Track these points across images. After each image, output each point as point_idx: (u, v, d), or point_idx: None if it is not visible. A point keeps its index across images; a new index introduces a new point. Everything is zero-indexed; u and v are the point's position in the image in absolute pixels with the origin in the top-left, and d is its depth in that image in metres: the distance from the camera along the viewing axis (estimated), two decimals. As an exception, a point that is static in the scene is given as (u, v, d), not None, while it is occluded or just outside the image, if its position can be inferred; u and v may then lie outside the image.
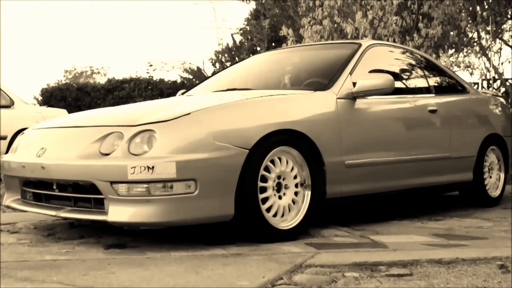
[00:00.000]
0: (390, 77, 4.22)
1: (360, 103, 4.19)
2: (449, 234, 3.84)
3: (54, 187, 3.51)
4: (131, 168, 3.08)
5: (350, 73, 4.28)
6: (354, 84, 4.17)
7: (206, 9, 19.66)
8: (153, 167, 3.07)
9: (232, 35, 19.53)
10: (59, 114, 8.58)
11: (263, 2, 17.75)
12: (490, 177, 5.52)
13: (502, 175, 5.69)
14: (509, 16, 11.12)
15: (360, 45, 4.68)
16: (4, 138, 8.20)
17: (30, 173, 3.60)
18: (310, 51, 5.38)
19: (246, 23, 20.58)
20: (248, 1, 20.38)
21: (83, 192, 3.34)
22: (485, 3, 10.45)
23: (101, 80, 37.08)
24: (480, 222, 4.45)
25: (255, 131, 3.40)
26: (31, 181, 3.71)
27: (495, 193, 5.54)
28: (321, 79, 4.35)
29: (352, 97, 4.14)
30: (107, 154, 3.24)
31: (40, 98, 18.06)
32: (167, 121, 3.25)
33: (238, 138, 3.32)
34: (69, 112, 8.80)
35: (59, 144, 3.67)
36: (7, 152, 7.02)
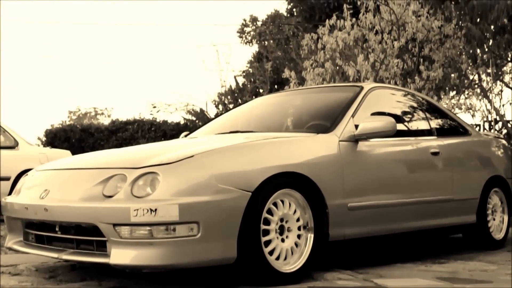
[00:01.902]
0: (392, 119, 4.25)
1: (362, 145, 4.21)
2: (453, 278, 3.81)
3: (57, 229, 3.51)
4: (134, 210, 3.08)
5: (352, 116, 4.31)
6: (357, 126, 4.20)
7: (209, 52, 19.99)
8: (156, 209, 3.07)
9: (235, 77, 19.68)
10: (63, 155, 8.61)
11: (265, 45, 18.00)
12: (494, 219, 5.50)
13: (506, 217, 5.67)
14: (509, 59, 11.22)
15: (362, 88, 4.72)
16: (8, 179, 8.21)
17: (33, 215, 3.61)
18: (312, 94, 5.43)
19: (249, 65, 20.79)
20: (251, 44, 20.66)
21: (86, 234, 3.33)
22: (485, 46, 10.55)
23: (105, 121, 37.30)
24: (485, 265, 4.42)
25: (258, 174, 3.41)
26: (33, 223, 3.71)
27: (499, 235, 5.50)
28: (324, 121, 4.38)
29: (355, 139, 4.16)
30: (110, 196, 3.25)
31: (44, 138, 18.14)
32: (170, 164, 3.27)
33: (241, 181, 3.33)
34: (73, 153, 8.84)
35: (63, 186, 3.68)
36: (10, 193, 7.03)
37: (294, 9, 19.21)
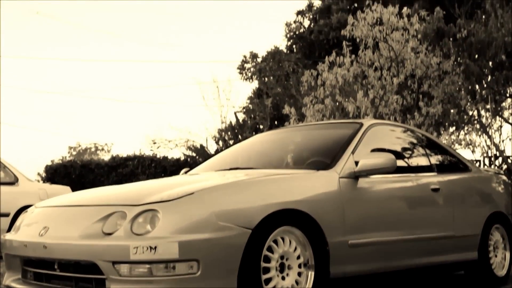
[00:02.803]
0: (392, 156, 4.25)
1: (362, 182, 4.20)
2: (455, 316, 3.77)
3: (56, 266, 3.48)
4: (134, 248, 3.07)
5: (352, 152, 4.32)
6: (357, 163, 4.20)
7: (210, 88, 20.09)
8: (155, 247, 3.06)
9: (235, 113, 19.77)
10: (63, 192, 8.60)
11: (265, 81, 18.12)
12: (496, 256, 5.46)
13: (508, 254, 5.62)
14: (508, 95, 11.29)
15: (361, 124, 4.74)
16: (7, 215, 8.19)
17: (32, 252, 3.58)
18: (312, 131, 5.44)
19: (249, 101, 20.90)
20: (251, 80, 20.80)
21: (85, 272, 3.31)
22: (483, 82, 10.63)
23: (105, 156, 37.32)
24: (487, 303, 4.37)
25: (258, 211, 3.40)
26: (32, 260, 3.68)
27: (501, 272, 5.46)
28: (324, 158, 4.38)
29: (355, 176, 4.16)
30: (110, 234, 3.24)
31: (44, 174, 18.14)
32: (170, 201, 3.26)
33: (241, 218, 3.32)
34: (73, 189, 8.82)
35: (62, 223, 3.67)
36: (9, 229, 6.99)
37: (294, 46, 19.42)
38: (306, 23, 19.52)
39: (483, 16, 11.08)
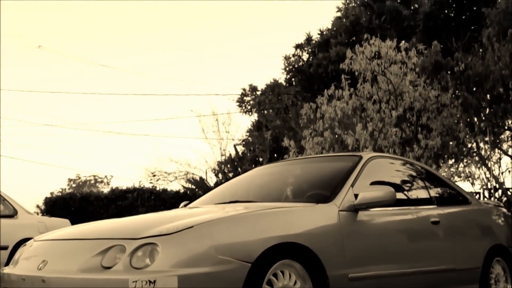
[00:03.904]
0: (391, 189, 4.26)
1: (362, 215, 4.20)
2: None
3: (54, 301, 3.46)
4: (133, 282, 3.05)
5: (352, 185, 4.32)
6: (356, 196, 4.20)
7: (209, 121, 20.20)
8: (154, 281, 3.04)
9: (235, 146, 19.82)
10: (62, 224, 8.57)
11: (265, 114, 18.19)
12: (497, 289, 5.42)
13: (510, 287, 5.59)
14: (506, 127, 11.33)
15: (361, 157, 4.75)
16: (6, 248, 8.14)
17: (30, 286, 3.56)
18: (311, 164, 5.45)
19: (248, 134, 20.95)
20: (250, 113, 20.89)
21: (84, 306, 3.28)
22: (482, 115, 10.68)
23: (104, 189, 37.24)
24: (489, 337, 4.32)
25: (258, 245, 3.39)
26: (30, 294, 3.65)
27: (503, 306, 5.41)
28: (323, 191, 4.38)
29: (354, 209, 4.15)
30: (109, 268, 3.22)
31: (43, 207, 18.09)
32: (169, 234, 3.26)
33: (240, 252, 3.31)
34: (72, 221, 8.80)
35: (61, 257, 3.65)
36: (7, 263, 6.95)
37: (293, 79, 19.54)
38: (305, 56, 19.67)
39: (480, 50, 11.20)
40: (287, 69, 19.61)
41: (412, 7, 18.98)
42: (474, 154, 11.84)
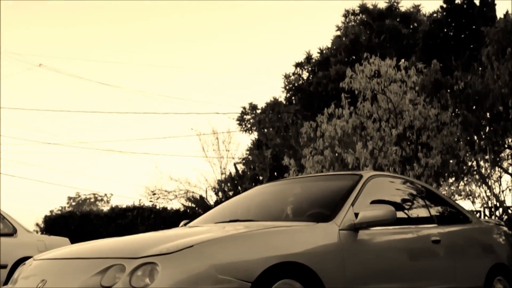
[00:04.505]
0: (392, 208, 4.25)
1: (362, 234, 4.19)
2: None
3: (53, 321, 3.44)
4: (133, 301, 3.04)
5: (352, 204, 4.31)
6: (356, 215, 4.20)
7: (210, 139, 20.21)
8: (154, 301, 3.03)
9: (235, 164, 19.80)
10: (62, 243, 8.55)
11: (265, 132, 18.21)
12: (499, 309, 5.39)
13: (511, 307, 5.55)
14: (506, 145, 11.34)
15: (361, 176, 4.75)
16: (5, 266, 8.11)
17: (30, 305, 3.54)
18: (311, 182, 5.45)
19: (248, 152, 20.95)
20: (250, 132, 20.91)
21: (82, 326, 3.26)
22: (482, 133, 10.70)
23: (104, 207, 37.17)
24: None
25: (258, 264, 3.38)
26: (29, 314, 3.63)
27: (504, 326, 5.37)
28: (323, 210, 4.37)
29: (355, 228, 4.14)
30: (109, 287, 3.21)
31: (42, 225, 18.05)
32: (169, 254, 3.25)
33: (240, 271, 3.29)
34: (72, 240, 8.77)
35: (60, 276, 3.63)
36: (6, 282, 6.92)
37: (293, 98, 19.59)
38: (305, 75, 19.75)
39: (480, 68, 11.25)
40: (287, 87, 19.68)
41: (411, 26, 19.11)
42: (475, 172, 11.83)
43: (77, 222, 17.38)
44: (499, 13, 14.84)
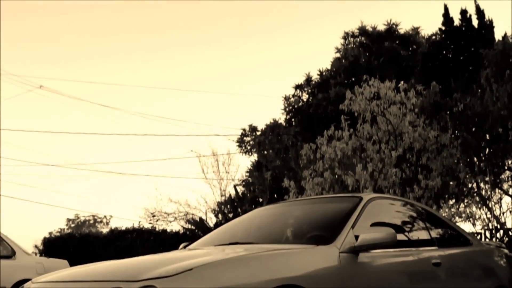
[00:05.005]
0: (392, 230, 4.24)
1: (363, 256, 4.17)
2: None
3: None
4: (131, 325, 3.01)
5: (352, 227, 4.30)
6: (357, 237, 4.18)
7: (209, 161, 20.19)
8: (153, 324, 3.01)
9: (235, 186, 19.78)
10: (60, 265, 8.50)
11: (265, 154, 18.20)
12: (500, 333, 5.35)
13: (512, 330, 5.51)
14: (506, 167, 11.33)
15: (361, 198, 4.74)
16: (3, 289, 8.08)
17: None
18: (311, 205, 5.44)
19: (248, 174, 20.93)
20: (250, 154, 20.90)
21: None
22: (481, 155, 10.70)
23: (103, 229, 37.05)
24: None
25: (258, 287, 3.36)
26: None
27: None
28: (323, 233, 4.36)
29: (355, 251, 4.13)
30: (108, 311, 3.19)
31: (41, 247, 17.99)
32: (169, 277, 3.23)
33: (240, 295, 3.27)
34: (71, 262, 8.73)
35: (59, 300, 3.61)
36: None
37: (293, 119, 19.62)
38: (305, 97, 19.81)
39: (479, 90, 11.29)
40: (287, 109, 19.72)
41: (410, 48, 19.21)
42: (475, 194, 11.81)
43: (76, 244, 17.32)
44: (497, 35, 14.95)
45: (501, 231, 11.61)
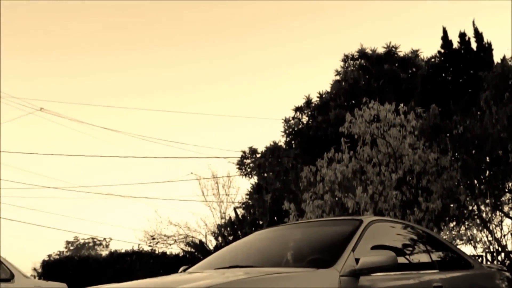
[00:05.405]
0: (393, 253, 4.22)
1: (363, 280, 4.14)
2: None
3: None
4: None
5: (353, 250, 4.28)
6: (357, 260, 4.16)
7: (209, 184, 20.21)
8: None
9: (235, 209, 19.74)
10: (59, 289, 8.47)
11: (265, 176, 18.18)
12: None
13: None
14: (506, 190, 11.32)
15: (361, 221, 4.73)
16: (1, 314, 8.02)
17: None
18: (312, 228, 5.43)
19: (248, 197, 20.91)
20: (250, 176, 20.89)
21: None
22: (482, 177, 10.70)
23: (103, 252, 36.89)
24: None
25: (258, 311, 3.34)
26: None
27: None
28: (324, 256, 4.34)
29: (355, 274, 4.10)
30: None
31: (40, 270, 17.91)
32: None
33: (240, 319, 3.25)
34: (70, 285, 8.69)
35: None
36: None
37: (293, 142, 19.63)
38: (305, 119, 19.83)
39: (478, 112, 11.32)
40: (287, 131, 19.74)
41: (409, 71, 19.29)
42: (475, 216, 11.78)
43: (75, 267, 17.23)
44: (496, 58, 15.02)
45: (502, 254, 11.56)
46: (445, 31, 16.12)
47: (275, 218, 18.20)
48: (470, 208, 11.67)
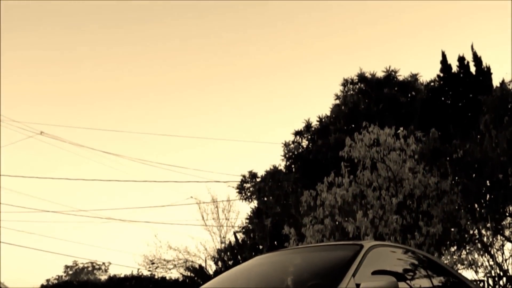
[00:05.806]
0: (393, 278, 4.19)
1: (364, 305, 4.11)
2: None
3: None
4: None
5: (353, 275, 4.25)
6: (358, 286, 4.13)
7: (209, 208, 20.16)
8: None
9: (235, 233, 19.65)
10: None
11: (265, 201, 18.14)
12: None
13: None
14: (507, 213, 11.28)
15: (362, 246, 4.70)
16: None
17: None
18: (312, 252, 5.40)
19: (248, 221, 20.82)
20: (250, 200, 20.84)
21: None
22: (482, 201, 10.67)
23: (102, 276, 36.65)
24: None
25: (258, 338, 3.31)
26: None
27: None
28: (324, 281, 4.31)
29: (356, 299, 4.07)
30: None
31: (39, 295, 17.81)
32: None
33: None
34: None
35: None
36: None
37: (293, 166, 19.60)
38: (305, 143, 19.83)
39: (478, 136, 11.34)
40: (287, 156, 19.72)
41: (409, 95, 19.34)
42: (476, 241, 11.72)
43: (74, 292, 17.13)
44: (495, 82, 15.09)
45: (504, 279, 11.48)
46: (444, 55, 16.22)
47: (275, 242, 18.10)
48: (471, 232, 11.62)
